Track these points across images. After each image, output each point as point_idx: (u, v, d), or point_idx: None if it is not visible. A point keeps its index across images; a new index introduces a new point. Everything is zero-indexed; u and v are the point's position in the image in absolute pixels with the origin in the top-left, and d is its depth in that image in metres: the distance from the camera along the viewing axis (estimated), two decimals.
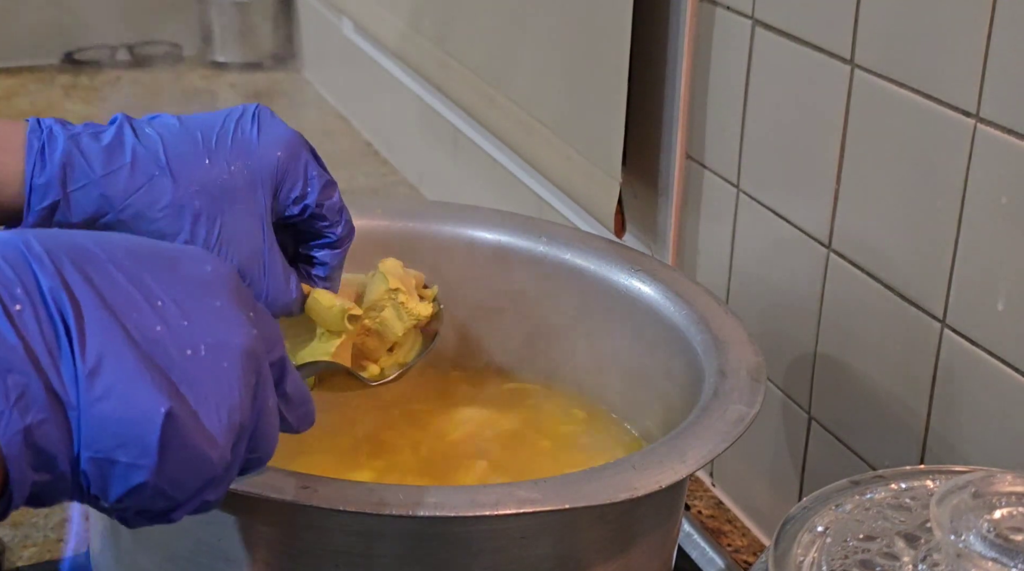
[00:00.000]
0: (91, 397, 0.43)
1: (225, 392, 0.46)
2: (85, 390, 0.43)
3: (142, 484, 0.44)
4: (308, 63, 1.86)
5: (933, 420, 0.73)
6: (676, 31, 0.90)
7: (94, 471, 0.44)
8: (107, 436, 0.43)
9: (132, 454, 0.44)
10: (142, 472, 0.44)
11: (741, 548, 0.89)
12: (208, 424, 0.46)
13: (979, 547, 0.48)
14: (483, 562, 0.61)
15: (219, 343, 0.47)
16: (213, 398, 0.46)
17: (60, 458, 0.43)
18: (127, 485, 0.44)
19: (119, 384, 0.44)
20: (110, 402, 0.43)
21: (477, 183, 1.31)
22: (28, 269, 0.44)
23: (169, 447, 0.44)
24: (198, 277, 0.48)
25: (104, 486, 0.44)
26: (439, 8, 1.27)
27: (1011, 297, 0.66)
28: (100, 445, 0.43)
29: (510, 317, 0.85)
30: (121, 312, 0.45)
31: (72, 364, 0.43)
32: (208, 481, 0.47)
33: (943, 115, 0.69)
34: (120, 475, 0.44)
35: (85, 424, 0.43)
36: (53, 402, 0.43)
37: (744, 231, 0.88)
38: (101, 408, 0.43)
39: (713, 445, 0.64)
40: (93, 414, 0.43)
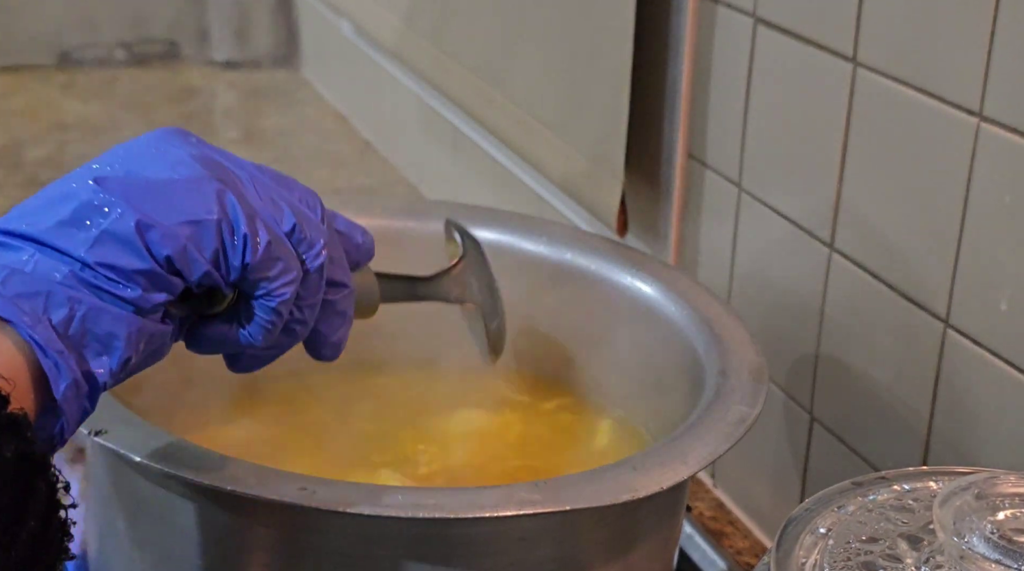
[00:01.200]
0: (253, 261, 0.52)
1: (278, 206, 0.55)
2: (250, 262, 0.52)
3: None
4: (307, 62, 1.86)
5: (936, 421, 0.73)
6: (677, 29, 0.90)
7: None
8: (278, 212, 0.54)
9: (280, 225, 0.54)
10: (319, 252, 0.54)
11: (743, 550, 0.89)
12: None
13: (982, 549, 0.48)
14: (483, 564, 0.61)
15: (308, 192, 0.57)
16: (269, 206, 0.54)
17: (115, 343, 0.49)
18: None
19: (265, 191, 0.54)
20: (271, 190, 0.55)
21: (477, 183, 1.31)
22: (219, 199, 0.51)
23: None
24: (291, 180, 0.58)
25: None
26: (438, 8, 1.27)
27: (1014, 297, 0.66)
28: (274, 218, 0.54)
29: (510, 317, 0.85)
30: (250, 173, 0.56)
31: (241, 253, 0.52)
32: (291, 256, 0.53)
33: (946, 113, 0.68)
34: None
35: (263, 214, 0.53)
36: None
37: (746, 230, 0.88)
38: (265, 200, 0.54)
39: (715, 446, 0.63)
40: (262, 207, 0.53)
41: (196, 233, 0.50)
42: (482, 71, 1.17)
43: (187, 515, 0.61)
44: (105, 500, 0.67)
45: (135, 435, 0.60)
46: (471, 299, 0.74)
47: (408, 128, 1.49)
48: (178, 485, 0.60)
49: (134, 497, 0.64)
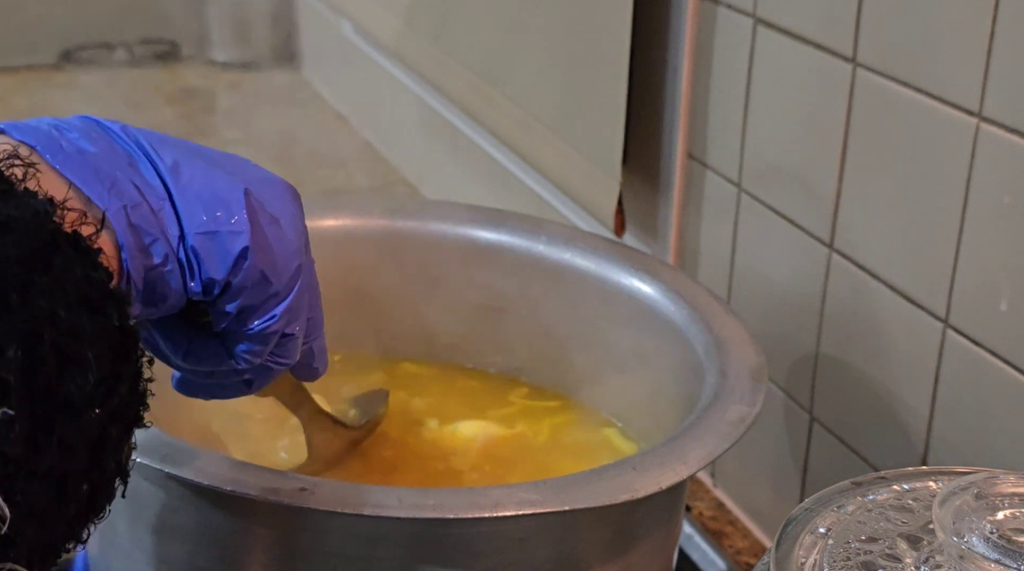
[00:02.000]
0: (179, 185, 0.50)
1: (285, 205, 0.53)
2: (172, 181, 0.50)
3: (244, 250, 0.50)
4: (307, 63, 1.86)
5: (935, 421, 0.73)
6: (677, 29, 0.90)
7: (202, 245, 0.50)
8: (203, 212, 0.50)
9: (228, 222, 0.50)
10: (241, 237, 0.50)
11: (742, 549, 0.89)
12: (280, 223, 0.52)
13: (982, 549, 0.48)
14: (483, 564, 0.61)
15: (268, 176, 0.54)
16: (276, 205, 0.53)
17: (160, 242, 0.49)
18: (232, 252, 0.50)
19: (198, 175, 0.51)
20: (196, 184, 0.50)
21: (477, 182, 1.31)
22: (96, 124, 0.51)
23: (255, 219, 0.51)
24: (225, 152, 0.55)
25: (213, 259, 0.50)
26: (438, 7, 1.27)
27: (1014, 297, 0.66)
28: (200, 221, 0.50)
29: (510, 317, 0.85)
30: (179, 146, 0.52)
31: (152, 167, 0.50)
32: (295, 274, 0.53)
33: (946, 114, 0.68)
34: (223, 244, 0.50)
35: (181, 207, 0.50)
36: (143, 190, 0.49)
37: (745, 230, 0.88)
38: (191, 191, 0.50)
39: (714, 446, 0.63)
40: (185, 197, 0.50)
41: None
42: (481, 71, 1.17)
43: (187, 515, 0.61)
44: None
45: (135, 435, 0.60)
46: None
47: (408, 128, 1.49)
48: (178, 485, 0.60)
49: (133, 497, 0.64)
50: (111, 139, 0.51)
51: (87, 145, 0.49)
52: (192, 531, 0.61)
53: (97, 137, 0.50)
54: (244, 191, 0.51)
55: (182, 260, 0.50)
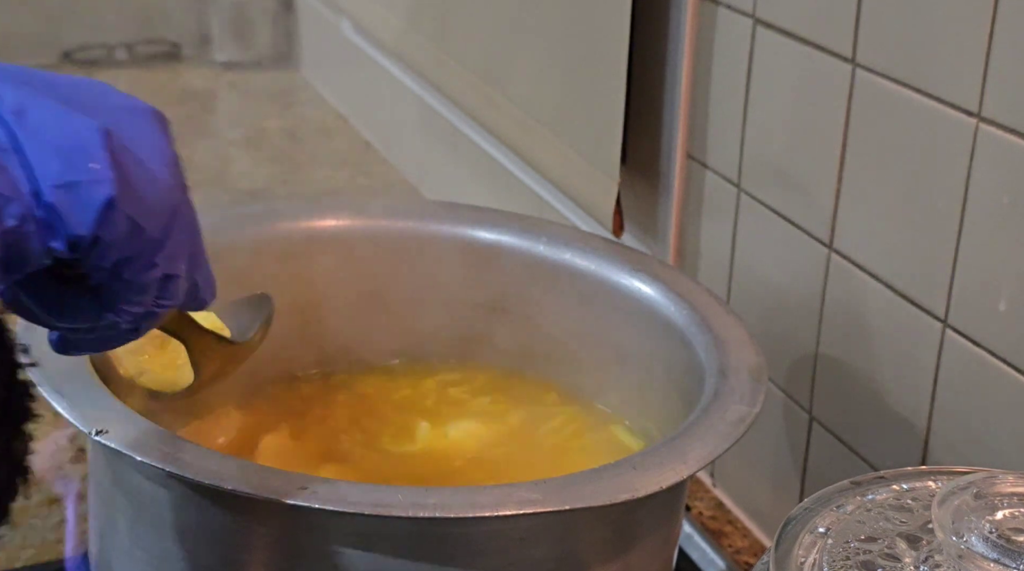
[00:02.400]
0: (26, 132, 0.44)
1: (152, 137, 0.48)
2: (18, 128, 0.44)
3: (110, 200, 0.45)
4: (307, 63, 1.86)
5: (935, 421, 0.73)
6: (677, 30, 0.90)
7: (60, 200, 0.44)
8: (57, 161, 0.44)
9: (87, 171, 0.45)
10: (104, 186, 0.45)
11: (742, 549, 0.89)
12: (145, 158, 0.47)
13: (981, 548, 0.48)
14: (483, 563, 0.61)
15: (129, 104, 0.49)
16: (142, 139, 0.47)
17: (12, 202, 0.44)
18: (97, 204, 0.45)
19: (49, 117, 0.45)
20: (46, 129, 0.45)
21: (477, 183, 1.31)
22: None
23: (118, 161, 0.45)
24: (82, 79, 0.49)
25: (75, 214, 0.45)
26: (438, 7, 1.27)
27: (1013, 297, 0.66)
28: (54, 171, 0.44)
29: (510, 317, 0.85)
30: (28, 84, 0.46)
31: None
32: (171, 216, 0.47)
33: (945, 114, 0.68)
34: (86, 194, 0.45)
35: (32, 157, 0.44)
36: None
37: (745, 231, 0.88)
38: (40, 138, 0.44)
39: (714, 446, 0.63)
40: (34, 145, 0.44)
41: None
42: (481, 71, 1.17)
43: (187, 515, 0.61)
44: (106, 499, 0.67)
45: (136, 434, 0.60)
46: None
47: (408, 128, 1.49)
48: (178, 485, 0.60)
49: (135, 496, 0.64)
50: None
51: None
52: (193, 530, 0.62)
53: None
54: (103, 131, 0.46)
55: (40, 217, 0.44)
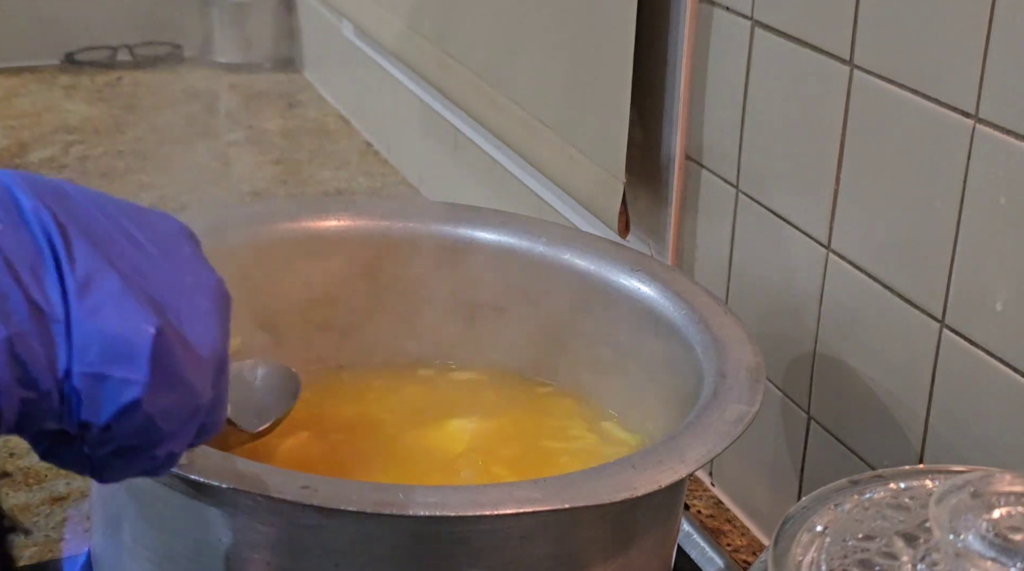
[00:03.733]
0: (82, 311, 0.43)
1: (207, 325, 0.47)
2: (76, 304, 0.43)
3: (134, 402, 0.44)
4: (308, 64, 1.86)
5: (932, 420, 0.73)
6: (676, 31, 0.91)
7: (86, 387, 0.43)
8: (98, 349, 0.43)
9: (124, 368, 0.44)
10: (134, 388, 0.44)
11: (740, 548, 0.89)
12: (194, 352, 0.46)
13: (978, 547, 0.48)
14: (483, 562, 0.61)
15: (198, 281, 0.48)
16: (197, 329, 0.46)
17: (45, 374, 0.43)
18: (119, 403, 0.44)
19: (110, 299, 0.44)
20: (101, 315, 0.43)
21: (477, 183, 1.31)
22: (11, 196, 0.44)
23: (159, 365, 0.44)
24: (165, 228, 0.49)
25: (96, 405, 0.44)
26: (439, 8, 1.27)
27: (1010, 297, 0.66)
28: (92, 359, 0.43)
29: (510, 317, 0.86)
30: (103, 242, 0.45)
31: (59, 280, 0.43)
32: (193, 413, 0.46)
33: (942, 115, 0.69)
34: (112, 391, 0.44)
35: (77, 337, 0.43)
36: (35, 314, 0.42)
37: (743, 231, 0.88)
38: (93, 321, 0.43)
39: (712, 445, 0.64)
40: (85, 327, 0.43)
41: None
42: (484, 73, 1.17)
43: (189, 512, 0.62)
44: (107, 498, 0.67)
45: None
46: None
47: (409, 129, 1.49)
48: (180, 483, 0.61)
49: (136, 495, 0.64)
50: (19, 225, 0.44)
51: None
52: (194, 528, 0.62)
53: (4, 219, 0.43)
54: (156, 329, 0.44)
55: (64, 393, 0.43)
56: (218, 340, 0.47)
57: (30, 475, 0.91)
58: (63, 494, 0.89)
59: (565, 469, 0.62)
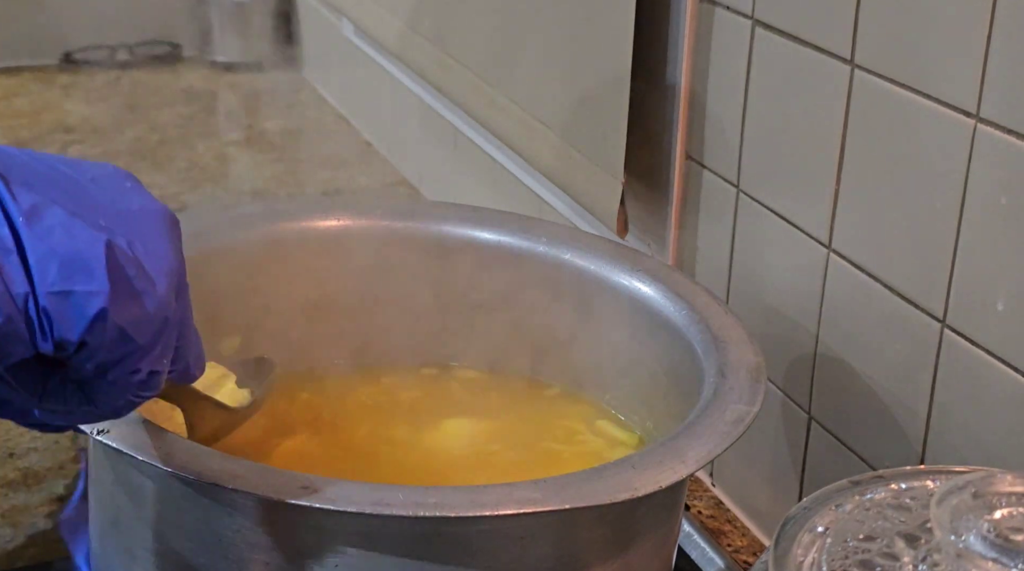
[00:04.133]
0: (34, 235, 0.46)
1: (158, 244, 0.49)
2: (26, 231, 0.46)
3: (101, 311, 0.47)
4: (308, 63, 1.86)
5: (933, 420, 0.73)
6: (676, 31, 0.90)
7: (52, 305, 0.46)
8: (56, 268, 0.46)
9: (84, 281, 0.47)
10: (98, 298, 0.47)
11: (741, 548, 0.89)
12: (147, 262, 0.49)
13: (979, 547, 0.48)
14: (483, 562, 0.61)
15: (144, 208, 0.50)
16: (149, 247, 0.49)
17: (5, 301, 0.45)
18: (87, 315, 0.47)
19: (58, 225, 0.47)
20: (54, 237, 0.46)
21: (477, 183, 1.31)
22: None
23: (117, 275, 0.47)
24: (104, 171, 0.52)
25: (66, 321, 0.47)
26: (439, 8, 1.27)
27: (1011, 297, 0.66)
28: (52, 278, 0.46)
29: (510, 317, 0.86)
30: (44, 185, 0.48)
31: (3, 216, 0.46)
32: (163, 325, 0.49)
33: (943, 115, 0.69)
34: (78, 304, 0.47)
35: (34, 261, 0.46)
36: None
37: (744, 231, 0.88)
38: (46, 243, 0.46)
39: (713, 445, 0.64)
40: (40, 250, 0.46)
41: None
42: (484, 72, 1.17)
43: (189, 512, 0.62)
44: (106, 499, 0.67)
45: (136, 434, 0.60)
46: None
47: (408, 129, 1.49)
48: (179, 484, 0.60)
49: (136, 496, 0.64)
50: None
51: None
52: (194, 528, 0.62)
53: None
54: (106, 243, 0.47)
55: (32, 317, 0.46)
56: (172, 257, 0.50)
57: (30, 475, 0.91)
58: (63, 494, 0.89)
59: (565, 469, 0.62)
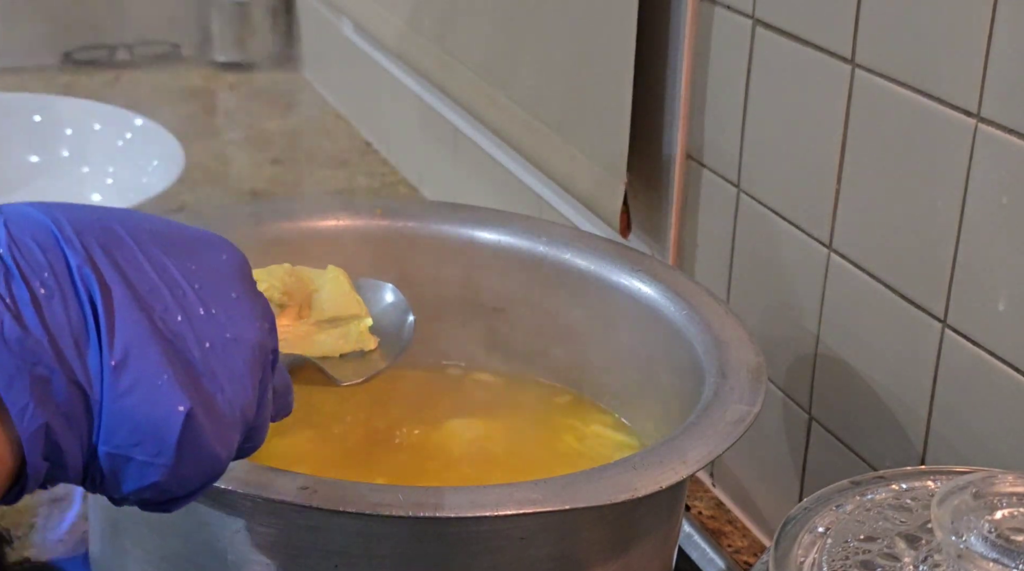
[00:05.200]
0: (116, 392, 0.42)
1: (239, 388, 0.46)
2: (110, 384, 0.42)
3: (155, 483, 0.44)
4: (308, 63, 1.86)
5: (934, 420, 0.73)
6: (676, 30, 0.90)
7: (109, 466, 0.43)
8: (127, 432, 0.43)
9: (150, 452, 0.43)
10: (157, 471, 0.44)
11: (741, 549, 0.89)
12: (223, 422, 0.45)
13: (980, 548, 0.48)
14: (483, 563, 0.61)
15: (236, 337, 0.46)
16: (228, 394, 0.45)
17: (75, 452, 0.42)
18: (140, 483, 0.44)
19: (143, 379, 0.43)
20: (133, 398, 0.42)
21: (477, 183, 1.31)
22: (59, 252, 0.42)
23: (186, 448, 0.44)
24: (215, 266, 0.47)
25: (116, 481, 0.44)
26: (440, 7, 1.27)
27: (1012, 297, 0.66)
28: (119, 441, 0.43)
29: (510, 317, 0.85)
30: (147, 301, 0.44)
31: (99, 356, 0.42)
32: (212, 478, 0.46)
33: (944, 115, 0.68)
34: (135, 473, 0.44)
35: (106, 419, 0.42)
36: (76, 396, 0.42)
37: (744, 231, 0.88)
38: (124, 404, 0.42)
39: (714, 445, 0.64)
40: (115, 409, 0.42)
41: None
42: (485, 72, 1.17)
43: (188, 513, 0.61)
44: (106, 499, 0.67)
45: None
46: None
47: (408, 129, 1.49)
48: None
49: None
50: (65, 289, 0.42)
51: (31, 317, 0.41)
52: (193, 529, 0.62)
53: (52, 286, 0.42)
54: (187, 415, 0.43)
55: (87, 468, 0.44)
56: (249, 400, 0.46)
57: None
58: (63, 495, 0.89)
59: (565, 469, 0.62)
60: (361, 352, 0.67)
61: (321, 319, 0.66)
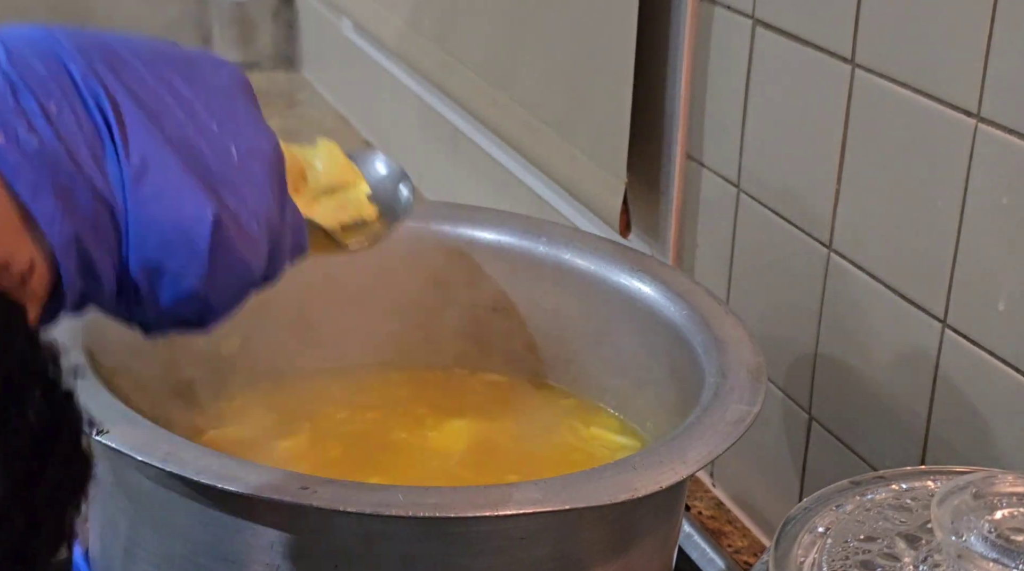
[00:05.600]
0: (139, 199, 0.41)
1: (261, 198, 0.45)
2: (132, 193, 0.41)
3: (192, 292, 0.43)
4: (308, 63, 1.86)
5: (934, 420, 0.73)
6: (676, 30, 0.90)
7: (143, 279, 0.42)
8: (156, 241, 0.42)
9: (182, 260, 0.42)
10: (192, 279, 0.43)
11: (741, 549, 0.89)
12: (250, 230, 0.44)
13: (980, 548, 0.48)
14: (483, 563, 0.61)
15: (250, 148, 0.45)
16: (251, 204, 0.44)
17: (107, 265, 0.41)
18: (177, 294, 0.43)
19: (166, 187, 0.41)
20: (158, 206, 0.41)
21: (477, 183, 1.31)
22: (61, 66, 0.41)
23: (217, 253, 0.43)
24: (220, 82, 0.46)
25: (154, 295, 0.43)
26: (440, 7, 1.27)
27: (1012, 297, 0.66)
28: (149, 251, 0.42)
29: (510, 317, 0.85)
30: (157, 114, 0.42)
31: (117, 165, 0.41)
32: (246, 288, 0.46)
33: (944, 115, 0.68)
34: (170, 283, 0.43)
35: (133, 228, 0.41)
36: (100, 206, 0.40)
37: (744, 231, 0.88)
38: (149, 211, 0.41)
39: (714, 445, 0.64)
40: (141, 218, 0.41)
41: None
42: (486, 72, 1.17)
43: (188, 513, 0.61)
44: (106, 499, 0.67)
45: (136, 434, 0.60)
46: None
47: (408, 128, 1.49)
48: (179, 485, 0.60)
49: (135, 496, 0.64)
50: (73, 100, 0.41)
51: (43, 128, 0.39)
52: (193, 529, 0.62)
53: (59, 98, 0.40)
54: (214, 219, 0.42)
55: (121, 282, 0.42)
56: (272, 210, 0.45)
57: None
58: None
59: (564, 470, 0.62)
60: (362, 221, 0.67)
61: (317, 190, 0.65)
